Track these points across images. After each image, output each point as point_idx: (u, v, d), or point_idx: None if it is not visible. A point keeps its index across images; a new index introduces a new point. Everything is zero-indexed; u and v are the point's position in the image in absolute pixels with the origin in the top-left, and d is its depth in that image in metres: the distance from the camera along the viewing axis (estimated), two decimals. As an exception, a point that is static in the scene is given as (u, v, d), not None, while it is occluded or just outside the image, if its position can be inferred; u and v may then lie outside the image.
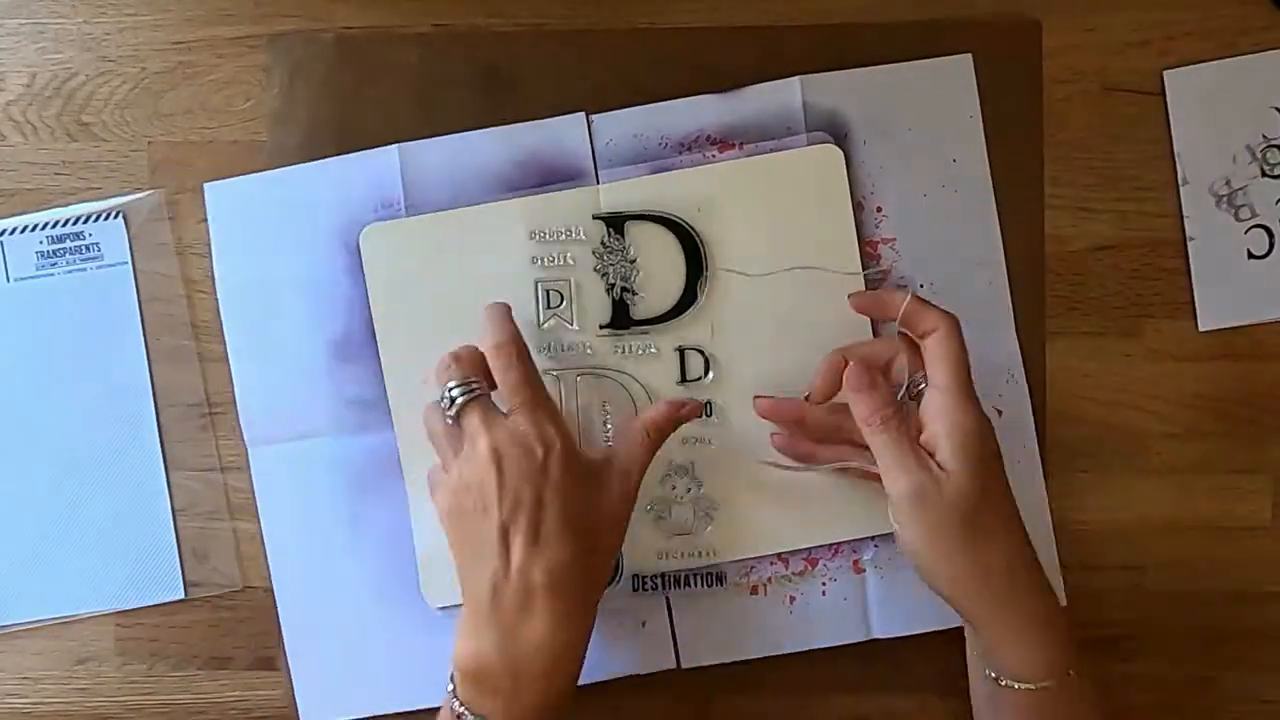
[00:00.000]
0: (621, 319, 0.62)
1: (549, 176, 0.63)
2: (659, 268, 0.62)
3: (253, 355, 0.63)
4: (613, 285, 0.62)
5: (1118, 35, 0.63)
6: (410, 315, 0.62)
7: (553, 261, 0.62)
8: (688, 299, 0.62)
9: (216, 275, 0.63)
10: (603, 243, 0.61)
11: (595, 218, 0.62)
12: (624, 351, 0.62)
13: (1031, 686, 0.53)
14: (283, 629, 0.63)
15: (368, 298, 0.62)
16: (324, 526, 0.63)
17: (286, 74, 0.63)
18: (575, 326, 0.62)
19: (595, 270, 0.62)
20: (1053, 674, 0.53)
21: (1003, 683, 0.54)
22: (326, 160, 0.63)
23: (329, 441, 0.63)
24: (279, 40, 0.63)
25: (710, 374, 0.62)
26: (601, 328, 0.62)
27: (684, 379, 0.62)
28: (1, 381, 0.63)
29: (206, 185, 0.63)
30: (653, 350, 0.62)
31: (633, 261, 0.61)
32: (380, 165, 0.63)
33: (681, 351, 0.62)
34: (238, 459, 0.63)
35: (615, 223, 0.62)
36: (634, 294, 0.62)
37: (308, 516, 0.63)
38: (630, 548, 0.61)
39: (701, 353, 0.62)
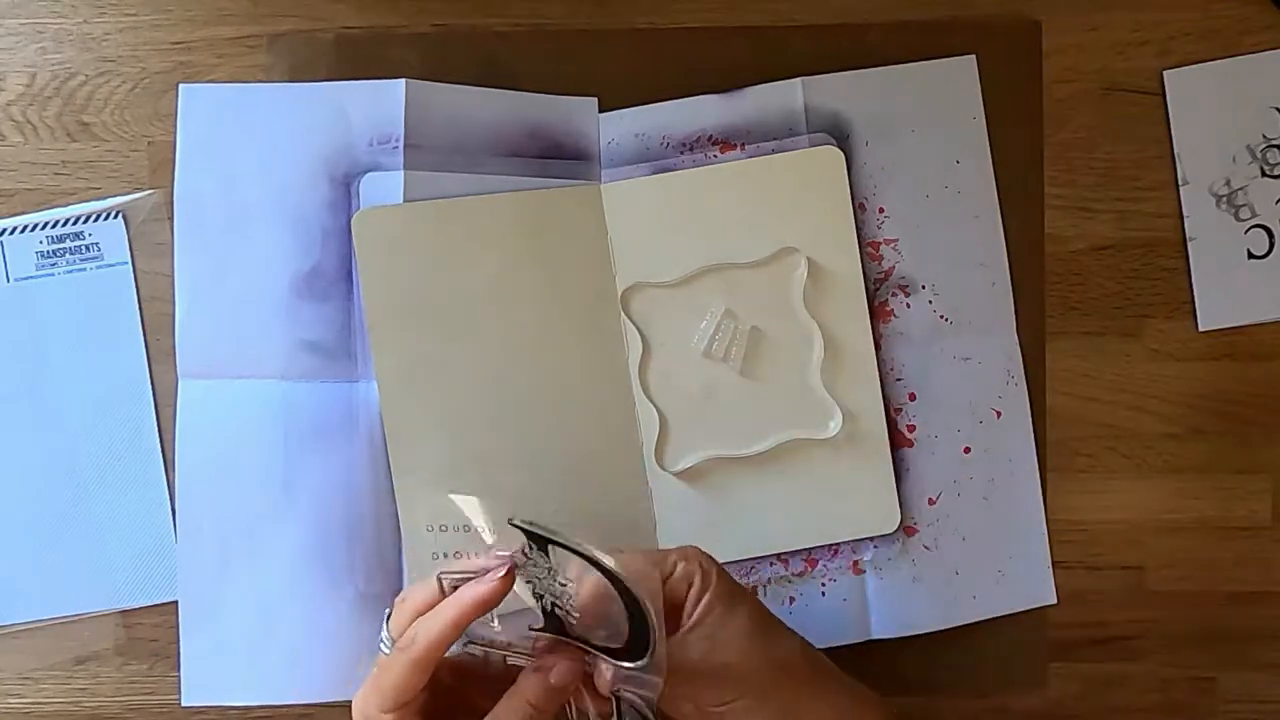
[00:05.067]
0: (556, 629, 0.48)
1: (554, 151, 0.62)
2: (596, 606, 0.46)
3: (203, 279, 0.61)
4: (541, 596, 0.47)
5: (1118, 35, 0.64)
6: (402, 304, 0.61)
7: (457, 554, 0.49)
8: (636, 649, 0.46)
9: (176, 186, 0.61)
10: (524, 553, 0.46)
11: (512, 524, 0.46)
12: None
13: None
14: (179, 590, 0.61)
15: (351, 244, 0.60)
16: (250, 481, 0.60)
17: (286, 74, 0.63)
18: (497, 626, 0.49)
19: (518, 573, 0.47)
20: None
21: None
22: (324, 83, 0.62)
23: (274, 385, 0.61)
24: (279, 40, 0.63)
25: None
26: (534, 629, 0.48)
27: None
28: (1, 382, 0.63)
29: (181, 85, 0.62)
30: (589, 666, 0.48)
31: (563, 585, 0.46)
32: (384, 96, 0.61)
33: (616, 698, 0.47)
34: (238, 459, 0.63)
35: (536, 539, 0.45)
36: (568, 613, 0.47)
37: (233, 467, 0.60)
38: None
39: (641, 710, 0.47)
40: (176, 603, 0.62)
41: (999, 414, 0.63)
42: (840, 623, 0.62)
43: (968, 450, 0.63)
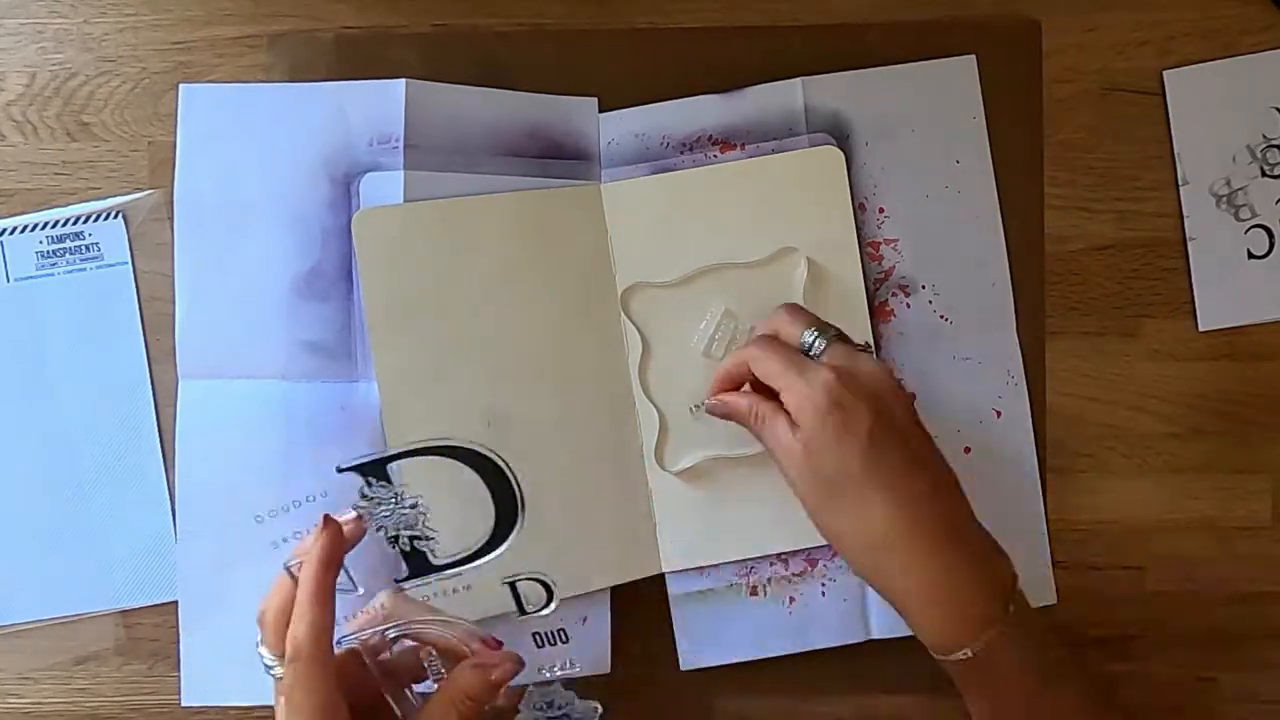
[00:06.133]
0: (421, 568, 0.50)
1: (554, 151, 0.62)
2: (454, 502, 0.49)
3: (203, 279, 0.61)
4: (395, 537, 0.49)
5: (1118, 35, 0.64)
6: (402, 304, 0.61)
7: (297, 534, 0.50)
8: (505, 527, 0.50)
9: (176, 186, 0.62)
10: (363, 495, 0.49)
11: (340, 470, 0.48)
12: (440, 595, 0.52)
13: (946, 659, 0.51)
14: (179, 590, 0.61)
15: (351, 244, 0.60)
16: (249, 481, 0.61)
17: (286, 74, 0.63)
18: (360, 591, 0.50)
19: (367, 522, 0.50)
20: (963, 643, 0.51)
21: (936, 656, 0.52)
22: (324, 83, 0.62)
23: (274, 385, 0.61)
24: (279, 40, 0.63)
25: (554, 604, 0.49)
26: (399, 581, 0.51)
27: (524, 612, 0.50)
28: (1, 381, 0.63)
29: (181, 85, 0.62)
30: (470, 589, 0.51)
31: (413, 506, 0.48)
32: (384, 96, 0.61)
33: (513, 585, 0.50)
34: (238, 459, 0.63)
35: (372, 469, 0.48)
36: (428, 540, 0.49)
37: (233, 466, 0.61)
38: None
39: (541, 581, 0.49)
40: (176, 603, 0.62)
41: (999, 414, 0.63)
42: (840, 623, 0.62)
43: (968, 450, 0.63)
